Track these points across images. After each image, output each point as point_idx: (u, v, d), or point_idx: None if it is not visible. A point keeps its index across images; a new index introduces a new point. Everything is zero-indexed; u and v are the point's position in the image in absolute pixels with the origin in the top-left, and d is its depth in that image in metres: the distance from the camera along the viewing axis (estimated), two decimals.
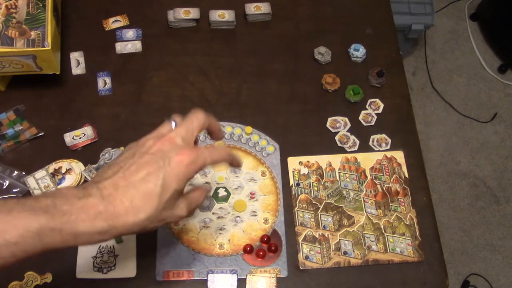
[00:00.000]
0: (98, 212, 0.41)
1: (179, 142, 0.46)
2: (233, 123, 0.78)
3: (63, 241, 0.40)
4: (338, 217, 0.71)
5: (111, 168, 0.44)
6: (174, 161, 0.43)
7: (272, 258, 0.68)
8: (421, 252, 0.69)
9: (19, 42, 0.69)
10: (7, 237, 0.38)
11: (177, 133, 0.46)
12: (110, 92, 0.80)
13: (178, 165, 0.44)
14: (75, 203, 0.41)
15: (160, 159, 0.43)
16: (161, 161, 0.43)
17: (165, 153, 0.44)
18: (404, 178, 0.74)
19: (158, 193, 0.42)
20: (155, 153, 0.44)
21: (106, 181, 0.43)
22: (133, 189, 0.42)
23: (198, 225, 0.70)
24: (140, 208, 0.42)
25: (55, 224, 0.39)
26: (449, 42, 1.95)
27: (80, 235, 0.41)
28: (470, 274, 1.54)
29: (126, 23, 0.86)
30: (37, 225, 0.38)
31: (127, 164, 0.44)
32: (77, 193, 0.42)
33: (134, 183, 0.42)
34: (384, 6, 0.91)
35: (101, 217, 0.41)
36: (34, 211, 0.39)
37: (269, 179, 0.73)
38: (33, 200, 0.41)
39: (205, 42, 0.85)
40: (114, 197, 0.41)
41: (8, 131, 0.74)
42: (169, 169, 0.43)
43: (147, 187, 0.42)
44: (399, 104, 0.81)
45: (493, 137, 1.77)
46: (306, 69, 0.83)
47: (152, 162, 0.43)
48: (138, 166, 0.43)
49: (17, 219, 0.38)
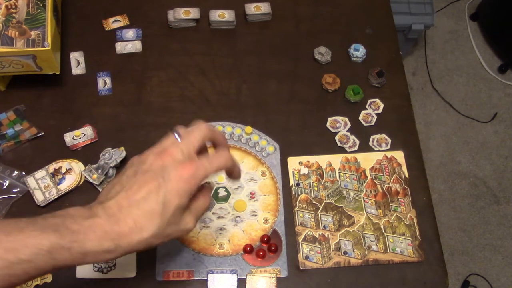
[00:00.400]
0: (104, 232, 0.42)
1: (179, 156, 0.45)
2: (233, 123, 0.78)
3: (72, 259, 0.41)
4: (338, 217, 0.71)
5: (115, 188, 0.45)
6: (174, 177, 0.44)
7: (272, 258, 0.68)
8: (421, 252, 0.69)
9: (19, 42, 0.69)
10: (20, 255, 0.39)
11: (177, 147, 0.46)
12: (110, 92, 0.80)
13: (178, 180, 0.44)
14: (83, 223, 0.42)
15: (160, 176, 0.44)
16: (161, 178, 0.44)
17: (165, 169, 0.44)
18: (404, 178, 0.74)
19: (159, 211, 0.43)
20: (156, 170, 0.44)
21: (110, 201, 0.44)
22: (135, 209, 0.43)
23: (198, 225, 0.70)
24: (143, 227, 0.43)
25: (64, 242, 0.40)
26: (449, 42, 1.95)
27: (88, 253, 0.42)
28: (470, 274, 1.54)
29: (126, 23, 0.86)
30: (48, 243, 0.40)
31: (129, 183, 0.44)
32: (84, 213, 0.43)
33: (137, 202, 0.43)
34: (384, 6, 0.91)
35: (107, 237, 0.42)
36: (45, 230, 0.40)
37: (269, 179, 0.73)
38: (43, 219, 0.42)
39: (205, 42, 0.85)
40: (118, 217, 0.43)
41: (8, 131, 0.74)
42: (169, 186, 0.43)
43: (149, 205, 0.43)
44: (399, 104, 0.81)
45: (493, 137, 1.77)
46: (306, 69, 0.83)
47: (152, 180, 0.44)
48: (139, 185, 0.44)
49: (29, 238, 0.39)
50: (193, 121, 0.77)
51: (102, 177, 0.70)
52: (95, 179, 0.70)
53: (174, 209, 0.44)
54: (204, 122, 0.50)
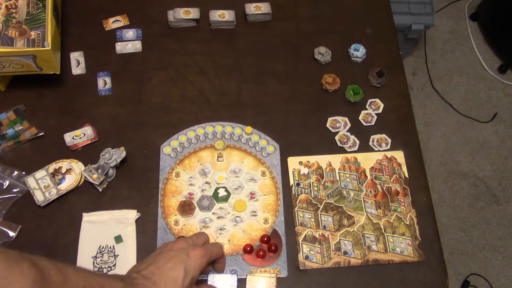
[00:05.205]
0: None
1: (191, 242, 0.62)
2: (233, 123, 0.78)
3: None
4: (338, 217, 0.71)
5: (145, 263, 0.59)
6: (192, 255, 0.59)
7: (272, 258, 0.68)
8: (421, 252, 0.69)
9: (19, 42, 0.69)
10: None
11: (189, 238, 0.63)
12: (110, 92, 0.80)
13: (194, 257, 0.59)
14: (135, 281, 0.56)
15: (182, 253, 0.59)
16: (183, 254, 0.59)
17: (184, 250, 0.60)
18: (404, 178, 0.74)
19: (182, 278, 0.57)
20: (177, 250, 0.60)
21: (144, 270, 0.57)
22: (165, 275, 0.57)
23: (198, 225, 0.70)
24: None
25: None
26: (449, 42, 1.95)
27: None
28: (470, 274, 1.54)
29: (126, 23, 0.86)
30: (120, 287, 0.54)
31: (157, 259, 0.59)
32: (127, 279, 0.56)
33: (165, 271, 0.57)
34: (384, 6, 0.91)
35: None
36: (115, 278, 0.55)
37: (269, 179, 0.73)
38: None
39: (205, 42, 0.85)
40: (154, 280, 0.56)
41: (8, 131, 0.74)
42: (189, 260, 0.58)
43: (174, 274, 0.57)
44: (399, 104, 0.81)
45: (493, 137, 1.77)
46: (306, 69, 0.83)
47: (175, 257, 0.59)
48: (166, 260, 0.58)
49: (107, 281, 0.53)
50: (193, 121, 0.77)
51: (102, 177, 0.70)
52: (95, 179, 0.70)
53: (191, 278, 0.58)
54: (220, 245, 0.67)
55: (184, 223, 0.70)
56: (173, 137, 0.76)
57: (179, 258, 0.59)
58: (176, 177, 0.73)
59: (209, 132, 0.77)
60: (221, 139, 0.76)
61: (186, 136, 0.76)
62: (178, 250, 0.60)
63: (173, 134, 0.76)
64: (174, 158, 0.74)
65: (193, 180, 0.73)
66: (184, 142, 0.76)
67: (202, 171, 0.74)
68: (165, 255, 0.59)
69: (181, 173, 0.73)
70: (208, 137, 0.76)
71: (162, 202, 0.71)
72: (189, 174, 0.73)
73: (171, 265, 0.58)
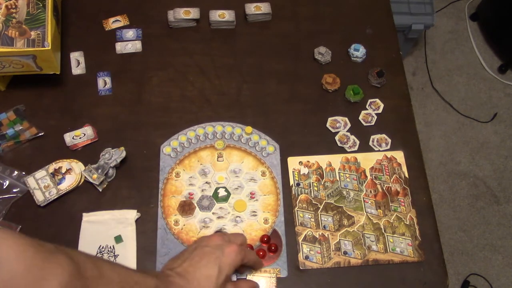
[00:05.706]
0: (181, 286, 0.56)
1: (227, 239, 0.61)
2: (233, 123, 0.78)
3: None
4: (338, 217, 0.71)
5: (180, 259, 0.59)
6: (226, 251, 0.58)
7: (272, 258, 0.68)
8: (421, 252, 0.69)
9: (19, 42, 0.69)
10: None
11: (224, 235, 0.63)
12: (110, 92, 0.80)
13: (229, 254, 0.58)
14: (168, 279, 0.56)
15: (217, 250, 0.58)
16: (218, 251, 0.58)
17: (219, 247, 0.59)
18: (404, 178, 0.74)
19: (216, 275, 0.57)
20: (213, 246, 0.59)
21: (179, 267, 0.57)
22: (198, 273, 0.57)
23: (198, 225, 0.70)
24: (204, 286, 0.57)
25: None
26: (449, 42, 1.95)
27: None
28: (470, 274, 1.54)
29: (126, 23, 0.86)
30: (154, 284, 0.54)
31: (191, 255, 0.59)
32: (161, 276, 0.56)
33: (200, 268, 0.57)
34: (384, 6, 0.91)
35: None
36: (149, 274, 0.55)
37: (269, 179, 0.73)
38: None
39: (205, 42, 0.85)
40: (187, 278, 0.56)
41: (8, 131, 0.74)
42: (223, 258, 0.58)
43: (208, 271, 0.57)
44: (399, 104, 0.81)
45: (493, 137, 1.77)
46: (306, 69, 0.83)
47: (210, 253, 0.58)
48: (200, 256, 0.58)
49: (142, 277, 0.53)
50: (193, 121, 0.77)
51: (102, 177, 0.70)
52: (95, 179, 0.70)
53: (225, 276, 0.58)
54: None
55: (184, 223, 0.70)
56: (173, 137, 0.76)
57: (214, 255, 0.58)
58: (176, 177, 0.73)
59: (209, 132, 0.77)
60: (221, 139, 0.76)
61: (186, 136, 0.76)
62: (214, 247, 0.59)
63: (173, 134, 0.76)
64: (174, 158, 0.74)
65: (193, 180, 0.73)
66: (184, 142, 0.76)
67: (202, 171, 0.74)
68: (200, 251, 0.59)
69: (181, 173, 0.73)
70: (208, 137, 0.76)
71: (162, 202, 0.71)
72: (189, 174, 0.73)
73: (205, 262, 0.57)
